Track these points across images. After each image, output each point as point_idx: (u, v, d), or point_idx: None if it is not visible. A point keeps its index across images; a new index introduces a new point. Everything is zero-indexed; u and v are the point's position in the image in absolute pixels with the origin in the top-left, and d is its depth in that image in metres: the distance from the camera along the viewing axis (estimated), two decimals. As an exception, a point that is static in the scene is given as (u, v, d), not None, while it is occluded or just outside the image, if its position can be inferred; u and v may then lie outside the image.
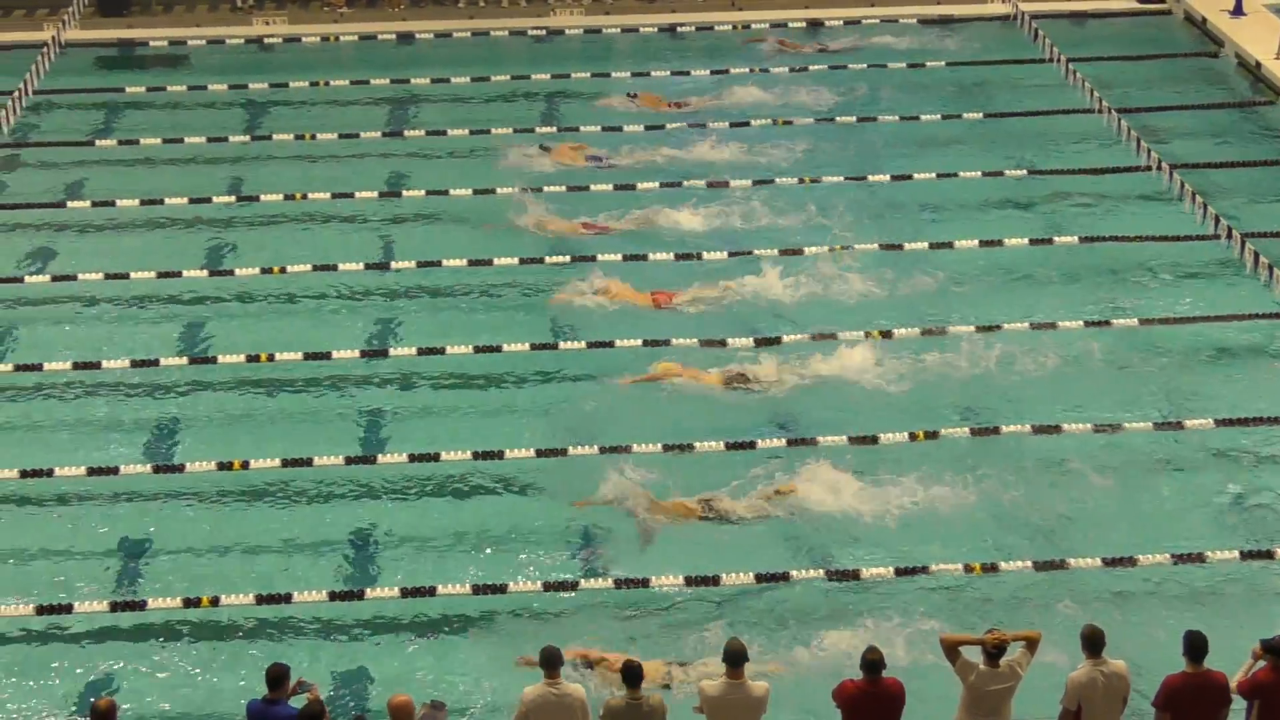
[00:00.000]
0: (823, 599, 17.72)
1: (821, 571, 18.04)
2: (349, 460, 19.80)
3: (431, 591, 17.61)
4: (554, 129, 28.43)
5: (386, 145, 28.00)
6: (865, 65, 30.83)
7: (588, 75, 30.48)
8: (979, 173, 26.67)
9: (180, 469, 19.69)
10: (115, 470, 19.60)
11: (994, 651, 14.59)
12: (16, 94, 26.86)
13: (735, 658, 14.45)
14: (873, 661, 14.37)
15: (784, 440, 20.19)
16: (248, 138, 28.18)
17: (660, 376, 21.26)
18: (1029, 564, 18.08)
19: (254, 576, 18.12)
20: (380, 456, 19.92)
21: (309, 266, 23.84)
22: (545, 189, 25.89)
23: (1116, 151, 27.32)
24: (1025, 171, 26.76)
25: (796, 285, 23.34)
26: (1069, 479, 19.57)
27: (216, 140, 27.94)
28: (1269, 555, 18.19)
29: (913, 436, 20.09)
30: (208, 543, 18.73)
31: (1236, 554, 18.14)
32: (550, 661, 14.46)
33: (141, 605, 17.46)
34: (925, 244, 24.48)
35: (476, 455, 19.80)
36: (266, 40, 32.49)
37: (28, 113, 28.54)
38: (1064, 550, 18.36)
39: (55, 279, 23.67)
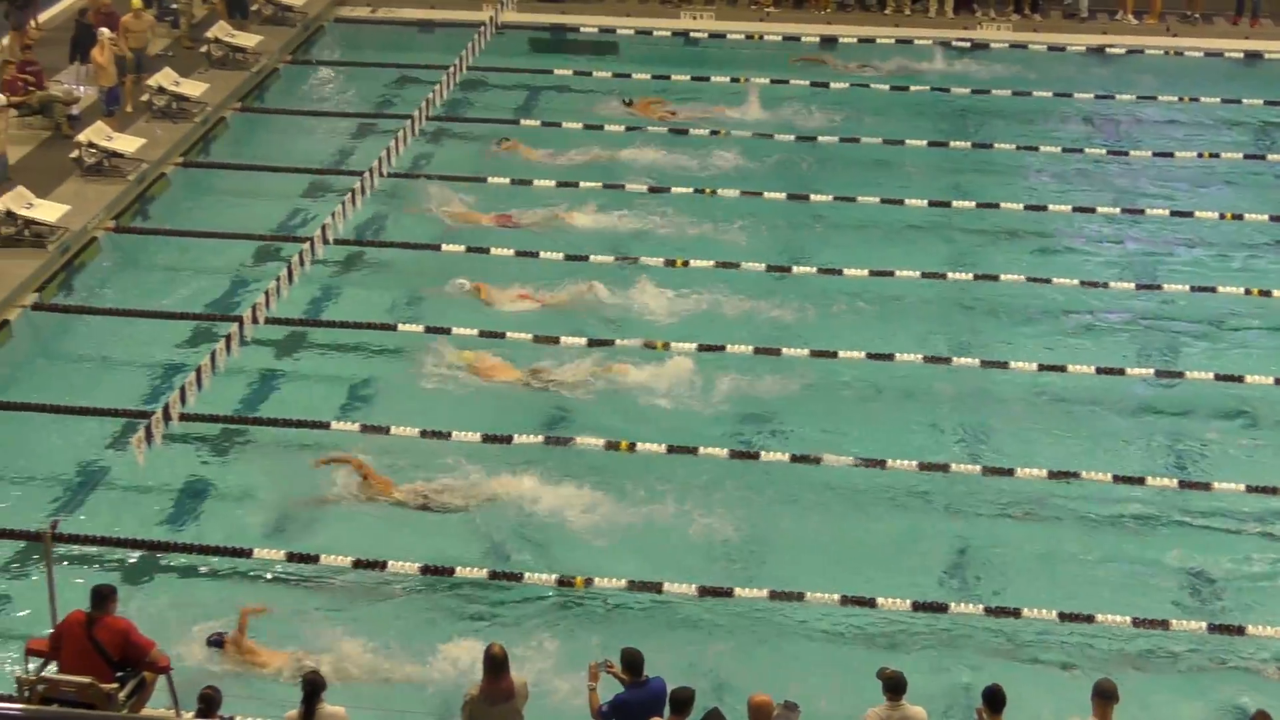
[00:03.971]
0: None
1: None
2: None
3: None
4: (966, 145, 28.09)
5: (795, 151, 28.07)
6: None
7: (1008, 93, 30.04)
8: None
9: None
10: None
11: None
12: (452, 70, 27.93)
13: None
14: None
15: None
16: (665, 129, 28.65)
17: (470, 364, 21.43)
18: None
19: (625, 562, 18.37)
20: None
21: (711, 263, 24.13)
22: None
23: None
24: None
25: (669, 297, 23.10)
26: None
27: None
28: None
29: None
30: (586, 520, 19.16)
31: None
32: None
33: (518, 577, 17.90)
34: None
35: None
36: (692, 34, 33.02)
37: (460, 89, 29.65)
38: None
39: (469, 250, 24.48)
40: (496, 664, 14.13)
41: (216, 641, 16.43)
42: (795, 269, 24.00)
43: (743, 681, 15.89)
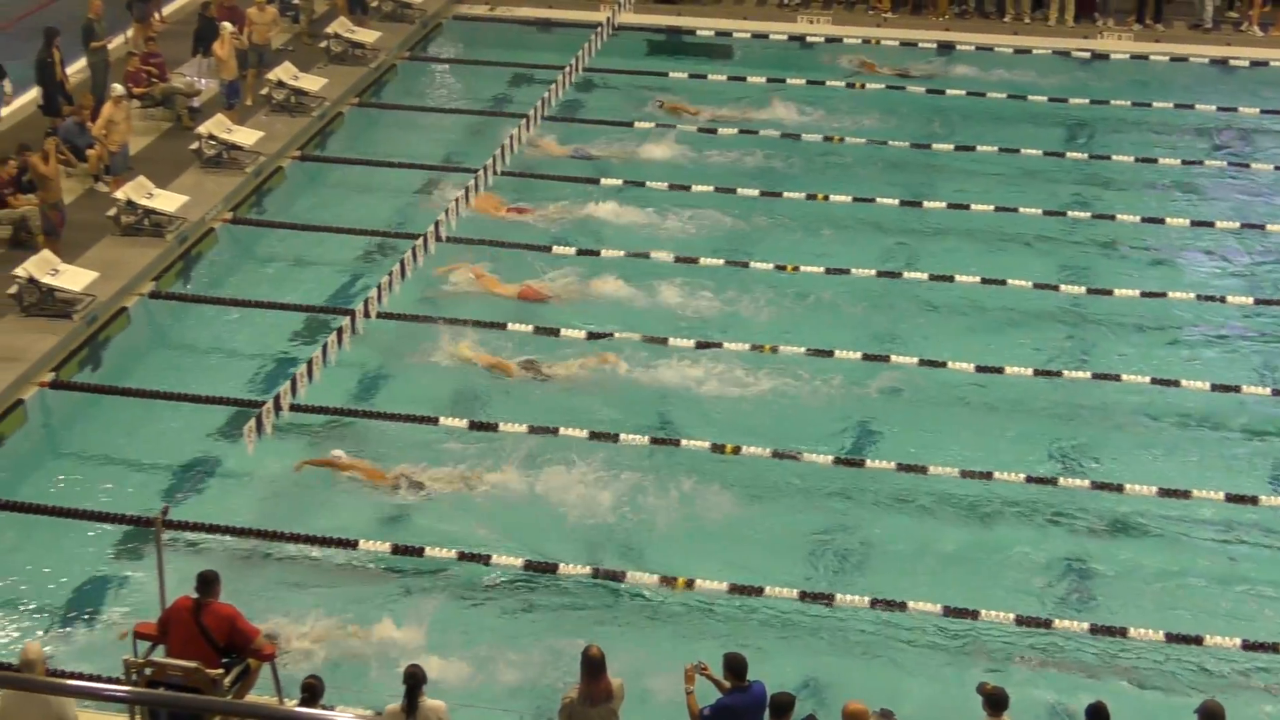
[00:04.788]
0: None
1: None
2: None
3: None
4: (1084, 156, 27.79)
5: (910, 156, 27.89)
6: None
7: (1128, 104, 29.66)
8: None
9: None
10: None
11: None
12: (568, 70, 28.01)
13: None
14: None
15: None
16: (777, 133, 28.58)
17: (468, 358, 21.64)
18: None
19: (726, 565, 18.39)
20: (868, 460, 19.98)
21: (821, 269, 24.02)
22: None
23: None
24: None
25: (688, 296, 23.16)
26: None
27: (748, 133, 28.50)
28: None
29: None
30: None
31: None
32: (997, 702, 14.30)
33: (620, 576, 17.87)
34: None
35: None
36: (808, 38, 32.89)
37: (575, 89, 29.71)
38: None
39: (580, 253, 24.49)
40: (594, 666, 14.17)
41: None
42: (906, 275, 23.85)
43: (840, 688, 15.88)
